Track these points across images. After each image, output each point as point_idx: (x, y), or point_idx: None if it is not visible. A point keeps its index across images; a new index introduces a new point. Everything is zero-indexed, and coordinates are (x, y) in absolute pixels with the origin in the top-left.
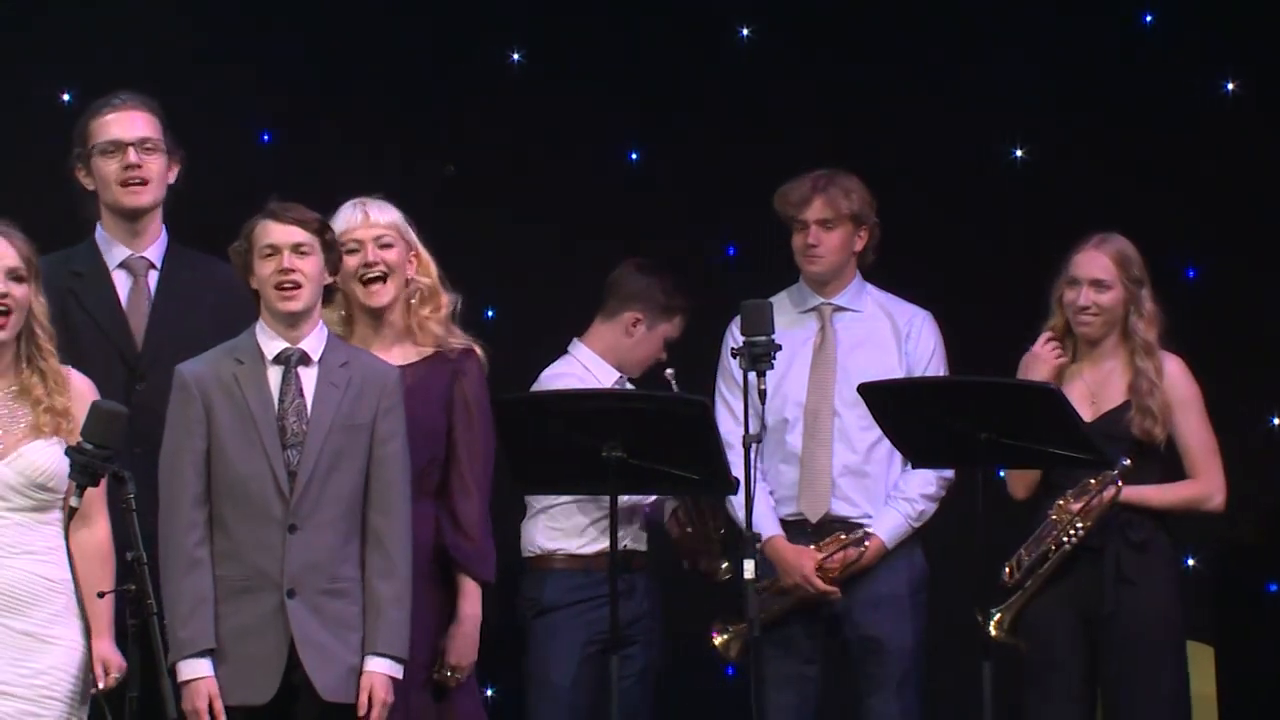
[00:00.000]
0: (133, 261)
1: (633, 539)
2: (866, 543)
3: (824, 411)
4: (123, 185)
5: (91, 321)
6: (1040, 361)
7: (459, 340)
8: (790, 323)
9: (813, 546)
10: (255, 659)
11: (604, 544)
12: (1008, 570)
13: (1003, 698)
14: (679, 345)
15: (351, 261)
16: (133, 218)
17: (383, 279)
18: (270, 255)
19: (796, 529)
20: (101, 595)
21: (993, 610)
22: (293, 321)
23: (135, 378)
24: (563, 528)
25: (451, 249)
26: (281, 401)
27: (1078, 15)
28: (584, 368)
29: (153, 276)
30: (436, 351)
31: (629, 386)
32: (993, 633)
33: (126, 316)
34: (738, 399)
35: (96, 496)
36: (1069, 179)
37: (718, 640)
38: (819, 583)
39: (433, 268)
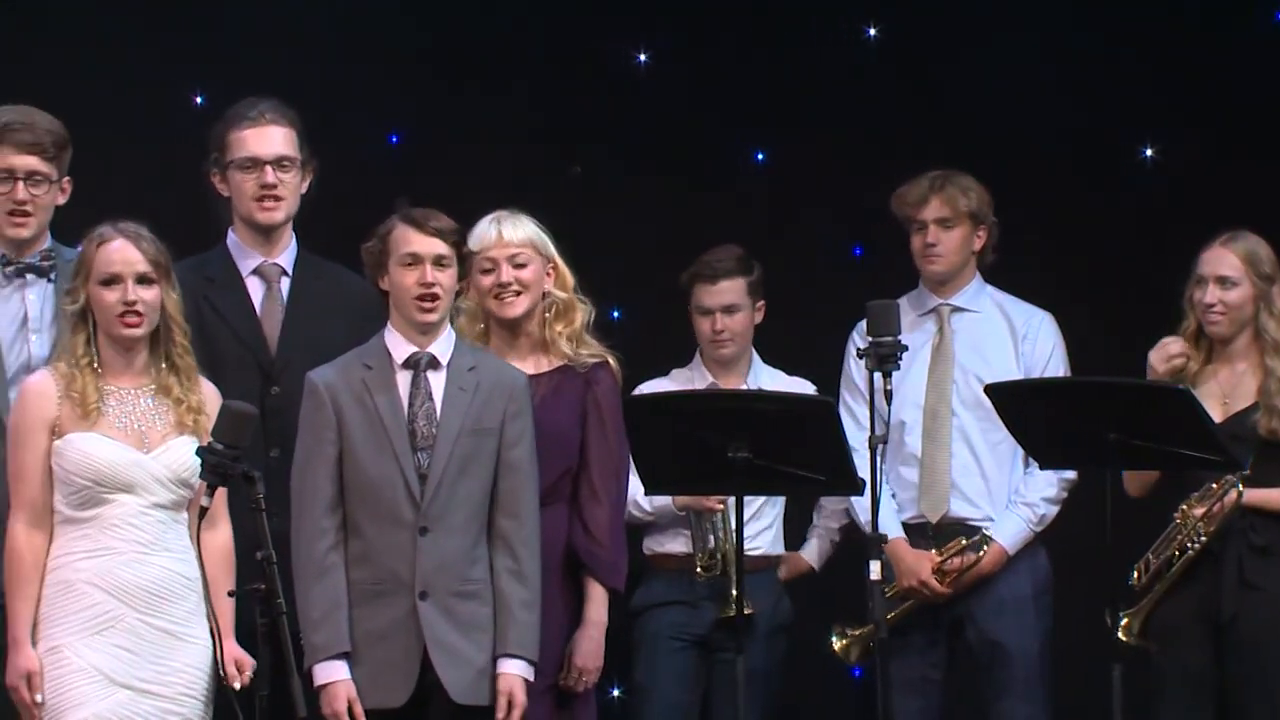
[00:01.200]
0: (265, 268)
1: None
2: (985, 547)
3: (943, 412)
4: (258, 201)
5: (227, 327)
6: (1153, 364)
7: (592, 352)
8: (909, 325)
9: (933, 551)
10: (389, 662)
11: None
12: (1136, 573)
13: (1133, 702)
14: (807, 347)
15: (486, 281)
16: (266, 232)
17: (517, 294)
18: (411, 265)
19: (918, 531)
20: (231, 594)
21: (1121, 614)
22: (424, 328)
23: (270, 382)
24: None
25: (577, 249)
26: (411, 405)
27: (1208, 14)
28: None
29: (285, 283)
30: (568, 363)
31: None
32: (1122, 636)
33: (261, 322)
34: (859, 403)
35: (220, 497)
36: (1199, 178)
37: (837, 645)
38: (936, 585)
39: (569, 280)
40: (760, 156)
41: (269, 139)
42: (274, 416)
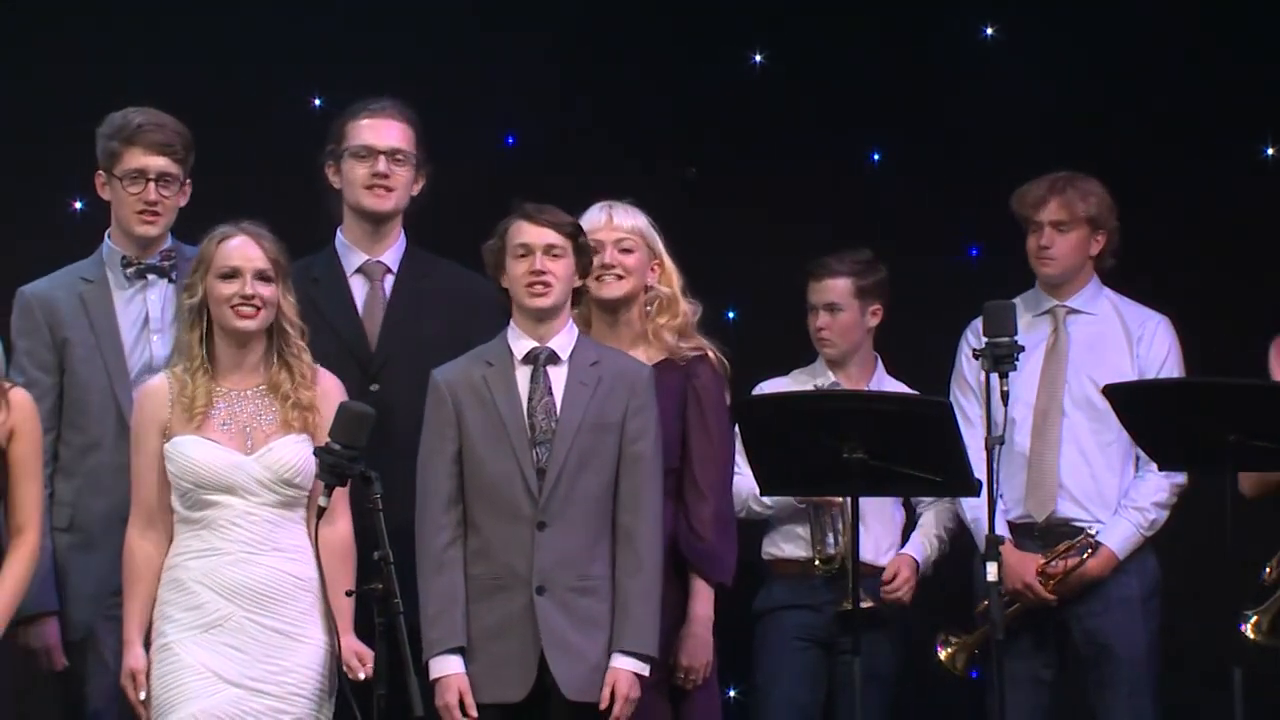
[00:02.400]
0: (369, 266)
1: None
2: (1090, 550)
3: (1053, 412)
4: (368, 189)
5: (328, 326)
6: (1273, 365)
7: (693, 345)
8: (1024, 326)
9: (1038, 554)
10: (508, 657)
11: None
12: (1268, 570)
13: (1254, 705)
14: (920, 347)
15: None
16: (374, 221)
17: (618, 277)
18: (523, 255)
19: (1024, 531)
20: (350, 594)
21: (1248, 612)
22: (542, 319)
23: (369, 380)
24: (780, 531)
25: (692, 250)
26: (530, 400)
27: None
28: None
29: (388, 281)
30: (669, 357)
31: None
32: (1250, 635)
33: (362, 321)
34: (971, 401)
35: (339, 496)
36: None
37: (943, 654)
38: (1040, 589)
39: (675, 278)
40: (876, 156)
41: (386, 130)
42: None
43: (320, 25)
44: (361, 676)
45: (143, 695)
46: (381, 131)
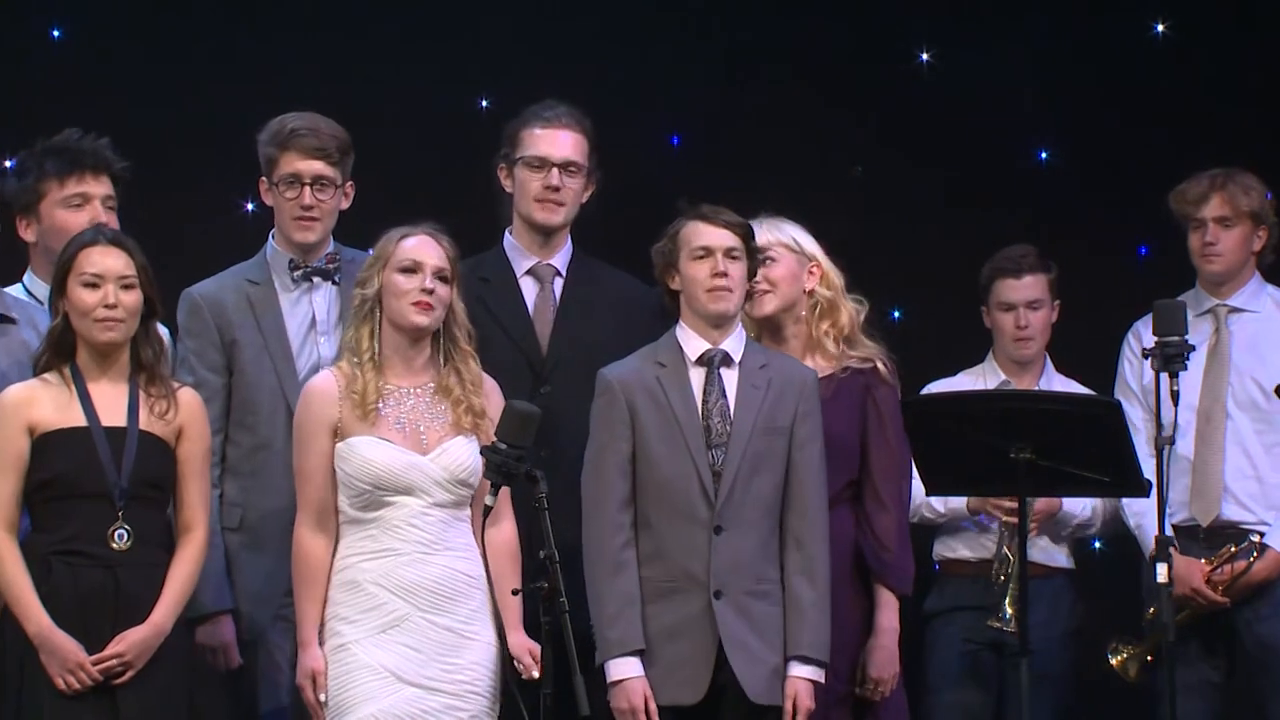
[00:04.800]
0: (539, 269)
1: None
2: (1256, 553)
3: (1216, 414)
4: (539, 202)
5: (499, 327)
6: None
7: (863, 352)
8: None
9: (1203, 560)
10: (684, 659)
11: (984, 552)
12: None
13: None
14: (1086, 346)
15: None
16: (544, 233)
17: (764, 292)
18: (703, 257)
19: (1188, 534)
20: (516, 593)
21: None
22: (716, 323)
23: (540, 382)
24: (951, 532)
25: (857, 249)
26: (705, 402)
27: None
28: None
29: (558, 284)
30: (846, 366)
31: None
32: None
33: (533, 322)
34: (1134, 408)
35: (503, 495)
36: None
37: (1114, 661)
38: (1209, 593)
39: (835, 279)
40: (1043, 155)
41: (560, 141)
42: (544, 416)
43: (487, 26)
44: (536, 674)
45: (322, 697)
46: (556, 142)
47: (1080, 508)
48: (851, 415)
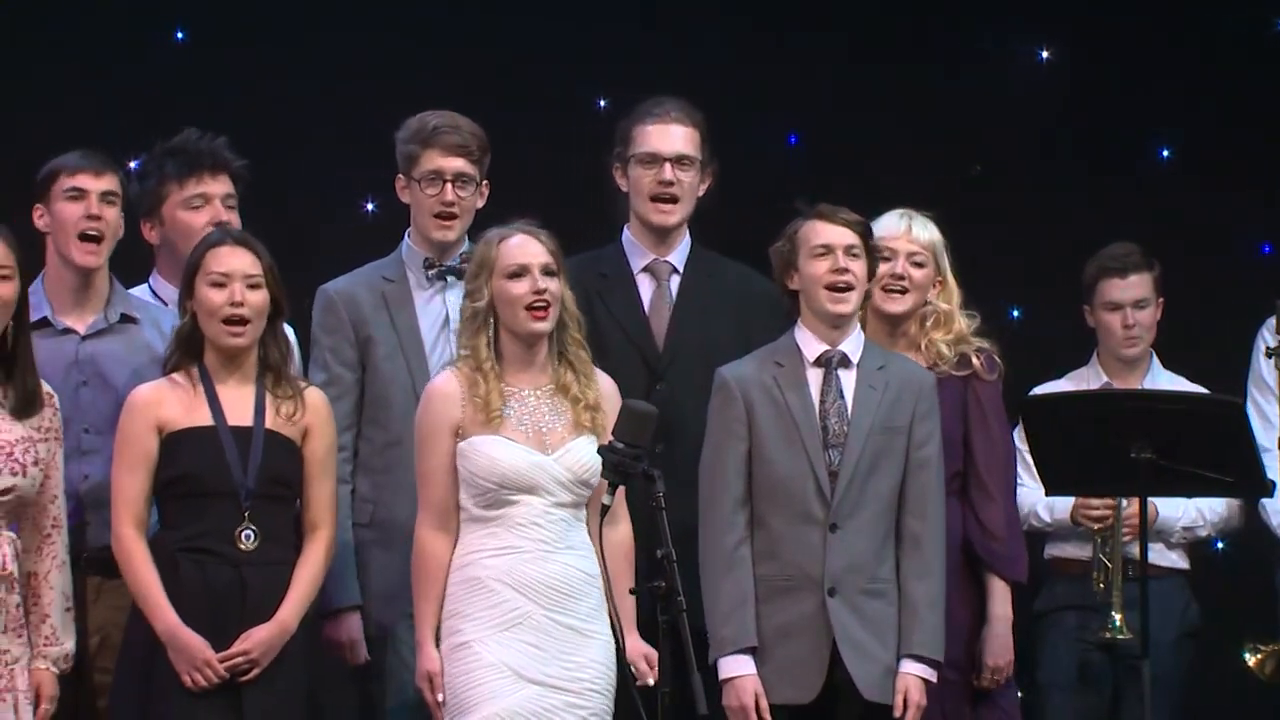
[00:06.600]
0: (656, 266)
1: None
2: None
3: None
4: (653, 201)
5: (615, 323)
6: None
7: (968, 345)
8: None
9: None
10: (798, 658)
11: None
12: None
13: None
14: (1208, 345)
15: (881, 268)
16: (660, 232)
17: (903, 290)
18: (823, 255)
19: None
20: (633, 592)
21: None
22: (835, 323)
23: (655, 379)
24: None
25: (976, 249)
26: (823, 403)
27: None
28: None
29: (674, 281)
30: (946, 371)
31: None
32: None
33: (649, 319)
34: (1270, 402)
35: (620, 495)
36: None
37: (1251, 661)
38: None
39: (955, 295)
40: (1165, 153)
41: (671, 136)
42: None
43: (606, 26)
44: (650, 681)
45: (440, 697)
46: (667, 137)
47: (1179, 511)
48: (954, 409)
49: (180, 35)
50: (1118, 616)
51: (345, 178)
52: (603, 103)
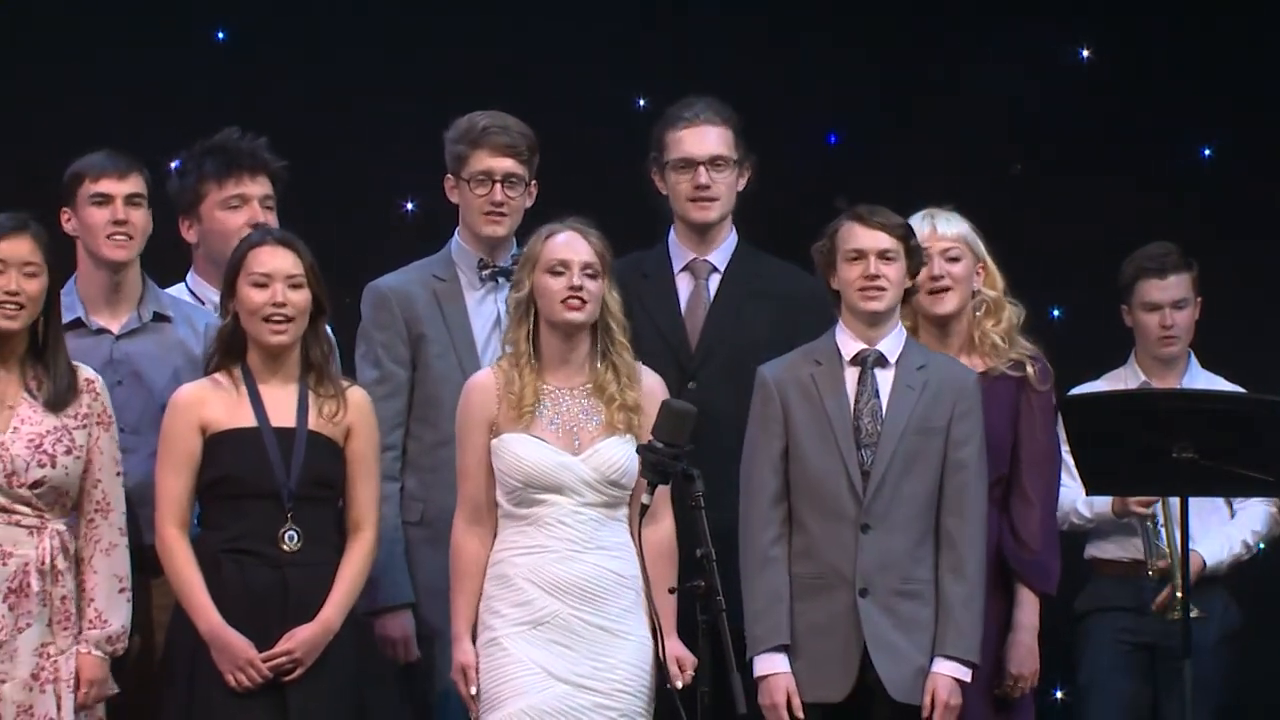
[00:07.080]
0: (696, 265)
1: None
2: None
3: None
4: (692, 202)
5: (650, 322)
6: None
7: (1022, 351)
8: None
9: None
10: (830, 656)
11: (1135, 552)
12: None
13: None
14: (1248, 346)
15: (920, 274)
16: (700, 231)
17: (946, 289)
18: (856, 259)
19: None
20: (672, 592)
21: None
22: (873, 322)
23: (687, 378)
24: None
25: (1017, 248)
26: (857, 402)
27: None
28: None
29: (714, 280)
30: (1000, 369)
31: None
32: None
33: (684, 319)
34: None
35: (661, 494)
36: None
37: None
38: None
39: (999, 281)
40: (1206, 153)
41: (703, 139)
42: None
43: (643, 26)
44: (679, 685)
45: (473, 690)
46: (699, 140)
47: (1224, 552)
48: (1003, 412)
49: (221, 35)
50: (1178, 594)
51: (386, 178)
52: (641, 102)
